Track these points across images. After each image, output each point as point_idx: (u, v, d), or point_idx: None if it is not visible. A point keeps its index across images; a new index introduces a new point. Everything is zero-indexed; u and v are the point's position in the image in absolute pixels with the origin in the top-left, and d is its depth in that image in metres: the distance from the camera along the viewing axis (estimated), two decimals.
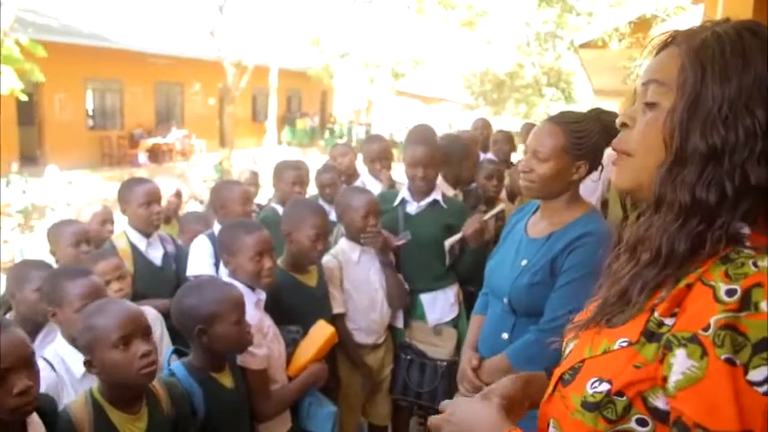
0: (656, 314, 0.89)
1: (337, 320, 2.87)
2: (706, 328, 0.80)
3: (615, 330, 0.95)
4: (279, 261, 2.71)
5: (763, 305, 0.79)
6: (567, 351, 1.07)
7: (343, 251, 3.01)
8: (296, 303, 2.67)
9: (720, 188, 0.87)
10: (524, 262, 2.08)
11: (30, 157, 15.68)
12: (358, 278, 3.00)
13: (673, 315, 0.87)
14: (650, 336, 0.88)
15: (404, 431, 3.42)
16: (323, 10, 22.43)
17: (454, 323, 3.16)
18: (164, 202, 4.50)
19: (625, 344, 0.91)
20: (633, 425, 0.88)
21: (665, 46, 0.98)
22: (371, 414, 3.24)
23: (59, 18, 16.34)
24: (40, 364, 2.09)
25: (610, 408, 0.89)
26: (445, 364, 3.00)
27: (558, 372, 1.03)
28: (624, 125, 1.00)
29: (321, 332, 2.59)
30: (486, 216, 3.02)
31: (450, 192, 3.59)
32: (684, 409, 0.81)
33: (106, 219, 3.63)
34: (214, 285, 2.22)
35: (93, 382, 1.87)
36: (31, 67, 8.69)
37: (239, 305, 2.13)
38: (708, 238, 0.88)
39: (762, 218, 0.89)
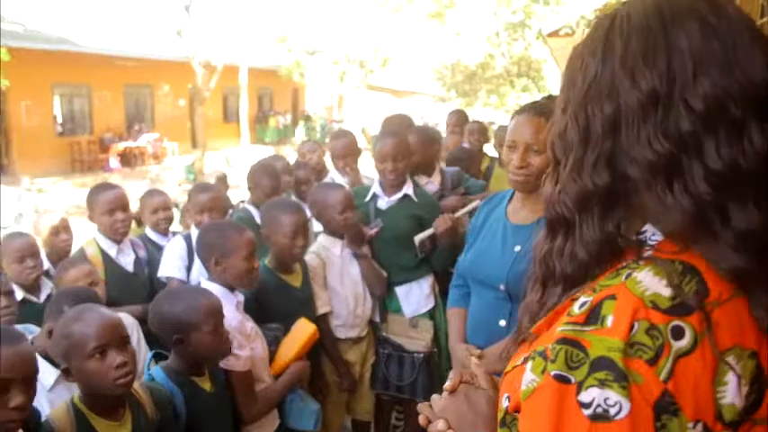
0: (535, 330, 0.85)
1: (320, 320, 2.87)
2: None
3: (527, 345, 0.89)
4: (266, 261, 2.76)
5: (609, 320, 0.70)
6: None
7: (324, 247, 3.03)
8: (280, 303, 2.68)
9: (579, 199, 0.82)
10: (518, 248, 2.09)
11: None
12: (342, 272, 3.02)
13: None
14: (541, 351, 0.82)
15: (387, 425, 3.42)
16: (290, 7, 22.29)
17: (430, 314, 3.17)
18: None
19: (521, 360, 0.86)
20: None
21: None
22: (355, 410, 3.24)
23: (25, 24, 16.02)
24: None
25: (514, 425, 0.82)
26: (422, 356, 3.02)
27: None
28: None
29: (303, 330, 2.59)
30: (458, 213, 3.03)
31: (424, 180, 3.57)
32: (519, 424, 0.77)
33: (59, 229, 3.49)
34: (190, 294, 2.23)
35: (64, 393, 1.86)
36: None
37: (215, 313, 2.12)
38: (605, 252, 0.81)
39: (689, 229, 0.75)
